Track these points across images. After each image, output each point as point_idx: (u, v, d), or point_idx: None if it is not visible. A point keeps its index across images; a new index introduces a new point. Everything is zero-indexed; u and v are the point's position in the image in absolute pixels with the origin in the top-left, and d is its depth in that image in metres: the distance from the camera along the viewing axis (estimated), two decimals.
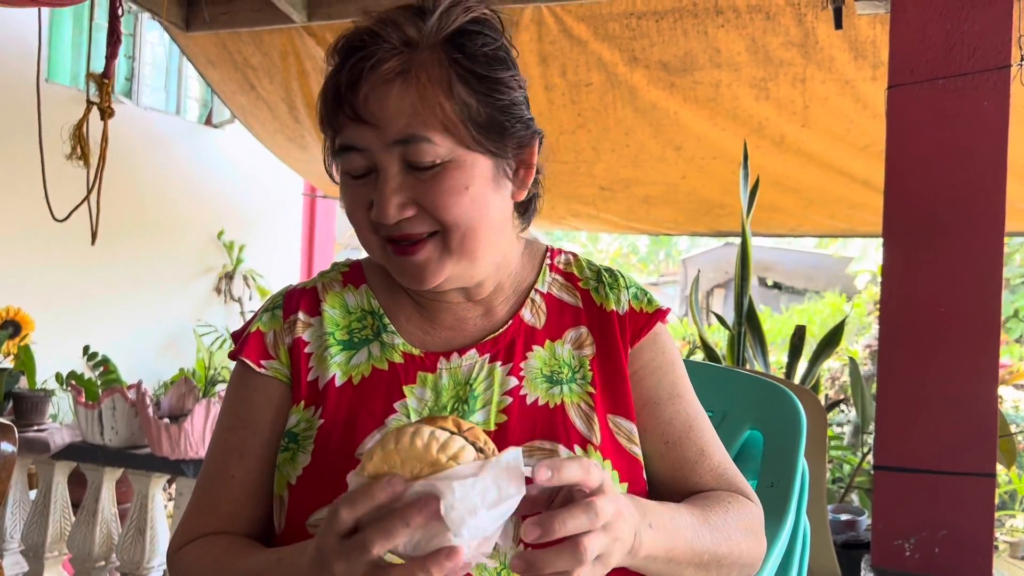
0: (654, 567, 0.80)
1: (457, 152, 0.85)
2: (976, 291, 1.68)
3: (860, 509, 2.16)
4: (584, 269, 1.01)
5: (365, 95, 0.84)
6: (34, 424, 2.82)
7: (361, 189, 0.87)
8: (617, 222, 4.99)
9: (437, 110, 0.84)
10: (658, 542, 0.78)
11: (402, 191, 0.85)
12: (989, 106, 1.67)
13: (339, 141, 0.87)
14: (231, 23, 3.49)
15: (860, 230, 4.67)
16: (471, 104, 0.85)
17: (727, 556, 0.86)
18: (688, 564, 0.83)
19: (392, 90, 0.83)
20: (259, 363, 0.94)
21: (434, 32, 0.85)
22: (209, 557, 0.87)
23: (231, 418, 0.94)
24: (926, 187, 1.73)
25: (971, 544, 1.67)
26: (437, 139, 0.84)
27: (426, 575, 0.63)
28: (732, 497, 0.92)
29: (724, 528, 0.87)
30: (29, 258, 4.89)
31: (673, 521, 0.82)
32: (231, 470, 0.92)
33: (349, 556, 0.66)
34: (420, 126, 0.83)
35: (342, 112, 0.86)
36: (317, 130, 3.65)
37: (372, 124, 0.84)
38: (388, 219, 0.84)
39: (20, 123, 3.42)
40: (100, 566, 2.64)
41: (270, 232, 6.79)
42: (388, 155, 0.84)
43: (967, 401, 1.68)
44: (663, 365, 0.97)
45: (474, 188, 0.86)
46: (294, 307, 0.96)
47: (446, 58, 0.85)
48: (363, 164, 0.86)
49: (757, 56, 3.00)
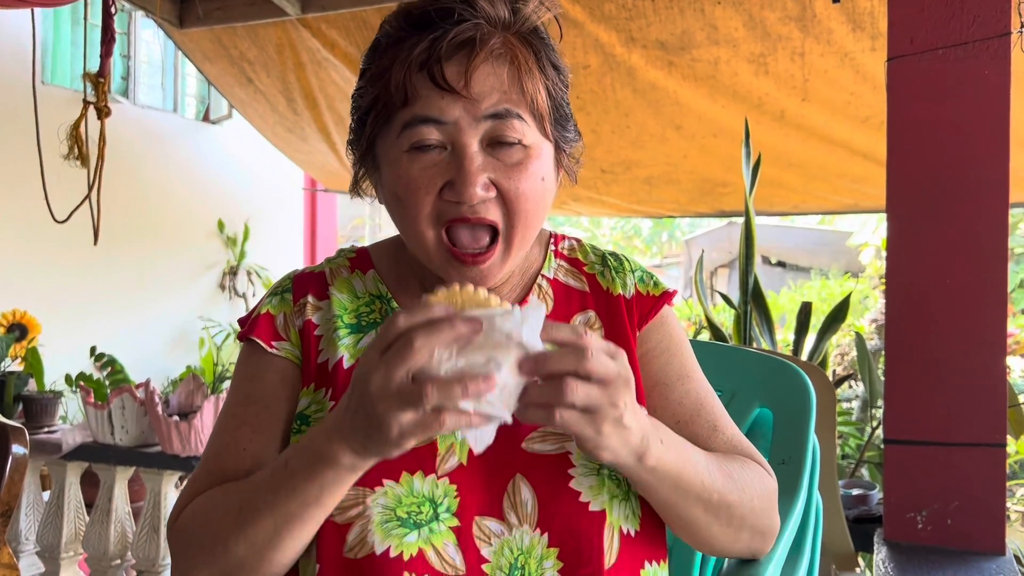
0: (663, 489, 0.81)
1: (537, 139, 0.86)
2: (981, 262, 1.67)
3: (871, 483, 2.16)
4: (588, 254, 1.01)
5: (461, 66, 0.81)
6: (44, 426, 2.83)
7: (431, 169, 0.83)
8: (619, 205, 4.98)
9: (528, 90, 0.84)
10: (667, 457, 0.79)
11: (485, 170, 0.83)
12: (990, 74, 1.66)
13: (416, 112, 0.83)
14: (225, 18, 3.48)
15: (864, 205, 4.65)
16: (552, 92, 0.87)
17: (738, 507, 0.86)
18: (697, 500, 0.83)
19: (490, 65, 0.82)
20: (270, 344, 0.93)
21: (528, 19, 0.86)
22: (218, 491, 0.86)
23: (241, 395, 0.93)
24: (929, 159, 1.72)
25: (983, 514, 1.67)
26: (526, 118, 0.84)
27: (462, 390, 0.67)
28: (751, 463, 0.92)
29: (738, 480, 0.87)
30: (32, 260, 4.90)
31: (685, 449, 0.83)
32: (243, 443, 0.90)
33: (389, 363, 0.68)
34: (513, 103, 0.83)
35: (430, 80, 0.82)
36: (316, 122, 3.64)
37: (464, 96, 0.81)
38: (474, 197, 0.82)
39: (18, 126, 3.41)
40: (116, 564, 2.65)
41: (272, 227, 6.79)
42: (474, 130, 0.83)
43: (976, 372, 1.68)
44: (671, 347, 0.97)
45: (548, 180, 0.87)
46: (304, 290, 0.96)
47: (533, 44, 0.86)
48: (439, 139, 0.83)
49: (755, 31, 2.98)
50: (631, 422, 0.73)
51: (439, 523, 0.83)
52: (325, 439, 0.75)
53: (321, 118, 4.21)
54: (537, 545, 0.83)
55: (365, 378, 0.69)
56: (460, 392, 0.67)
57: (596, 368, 0.70)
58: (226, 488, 0.86)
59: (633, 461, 0.76)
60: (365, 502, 0.82)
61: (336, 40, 3.47)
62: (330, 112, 4.12)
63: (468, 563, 0.83)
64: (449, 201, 0.83)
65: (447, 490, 0.85)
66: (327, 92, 3.93)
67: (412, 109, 0.83)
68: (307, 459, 0.77)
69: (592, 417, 0.71)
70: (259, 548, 0.80)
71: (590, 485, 0.85)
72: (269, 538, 0.79)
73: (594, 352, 0.70)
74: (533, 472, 0.86)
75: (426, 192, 0.83)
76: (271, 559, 0.80)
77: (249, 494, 0.81)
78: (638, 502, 0.88)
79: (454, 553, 0.83)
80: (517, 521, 0.84)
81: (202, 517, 0.85)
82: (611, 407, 0.71)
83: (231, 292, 6.46)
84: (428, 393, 0.66)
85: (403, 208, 0.85)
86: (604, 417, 0.71)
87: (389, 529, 0.82)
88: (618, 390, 0.71)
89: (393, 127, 0.85)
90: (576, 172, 0.95)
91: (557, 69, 0.88)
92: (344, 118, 4.16)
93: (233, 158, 6.41)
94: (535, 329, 0.70)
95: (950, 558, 1.65)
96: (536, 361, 0.69)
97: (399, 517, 0.83)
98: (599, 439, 0.72)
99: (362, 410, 0.70)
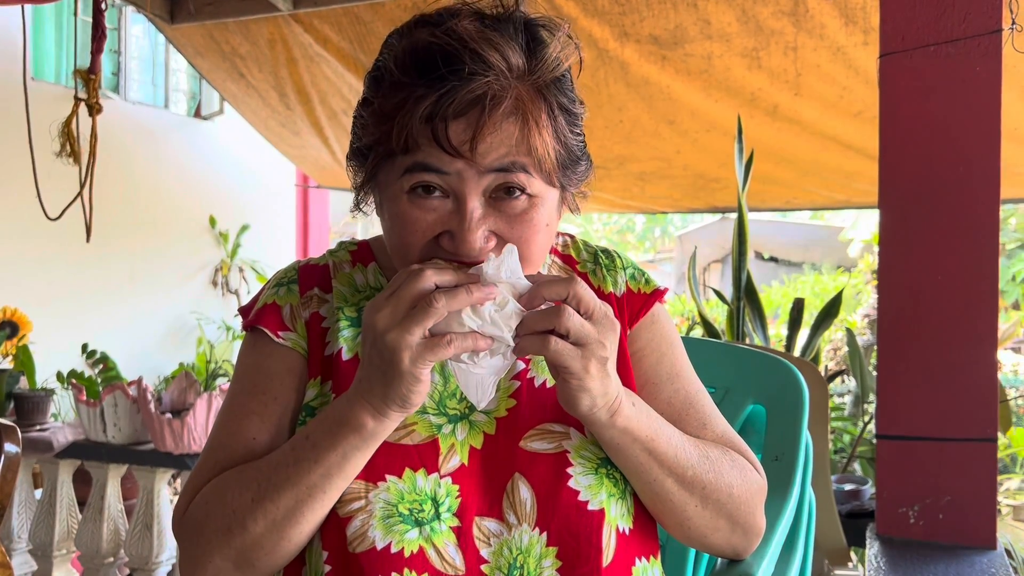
0: (633, 452, 0.83)
1: (543, 188, 0.83)
2: (973, 257, 1.68)
3: (864, 479, 2.17)
4: (581, 251, 1.01)
5: (468, 129, 0.78)
6: (36, 424, 2.82)
7: (431, 215, 0.81)
8: (613, 201, 4.98)
9: (537, 148, 0.80)
10: (638, 422, 0.82)
11: (485, 222, 0.81)
12: (981, 71, 1.66)
13: (418, 159, 0.80)
14: (217, 13, 3.46)
15: (856, 201, 4.66)
16: (561, 140, 0.83)
17: (714, 488, 0.86)
18: (670, 472, 0.84)
19: (497, 125, 0.79)
20: (277, 333, 0.92)
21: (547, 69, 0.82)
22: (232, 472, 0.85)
23: (247, 383, 0.91)
24: (921, 155, 1.72)
25: (975, 509, 1.68)
26: (532, 171, 0.81)
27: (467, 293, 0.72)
28: (733, 452, 0.92)
29: (715, 461, 0.88)
30: (24, 257, 4.88)
31: (660, 422, 0.86)
32: (251, 432, 0.88)
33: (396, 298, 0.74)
34: (519, 156, 0.80)
35: (432, 139, 0.78)
36: (308, 116, 3.62)
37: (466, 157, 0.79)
38: (473, 252, 0.80)
39: (7, 122, 3.39)
40: (109, 562, 2.65)
41: (264, 224, 6.77)
42: (477, 183, 0.80)
43: (967, 367, 1.69)
44: (662, 345, 0.97)
45: (552, 224, 0.86)
46: (310, 282, 0.95)
47: (546, 96, 0.82)
48: (439, 185, 0.81)
49: (748, 26, 2.98)
50: (612, 372, 0.78)
51: (440, 522, 0.83)
52: (346, 404, 0.79)
53: (313, 113, 4.20)
54: (536, 544, 0.84)
55: (374, 316, 0.74)
56: (465, 295, 0.72)
57: (587, 298, 0.76)
58: (240, 469, 0.85)
59: (606, 416, 0.80)
60: (367, 496, 0.82)
61: (328, 35, 3.45)
62: (322, 107, 4.11)
63: (468, 564, 0.83)
64: (446, 250, 0.82)
65: (449, 490, 0.85)
66: (319, 87, 3.92)
67: (414, 156, 0.80)
68: (329, 426, 0.80)
69: (582, 351, 0.75)
70: (278, 523, 0.80)
71: (588, 484, 0.85)
72: (289, 513, 0.80)
73: (583, 287, 0.76)
74: (531, 471, 0.86)
75: (423, 237, 0.82)
76: (289, 535, 0.81)
77: (268, 471, 0.82)
78: (633, 500, 0.88)
79: (454, 553, 0.83)
80: (516, 520, 0.84)
81: (217, 500, 0.84)
82: (599, 345, 0.76)
83: (223, 288, 6.45)
84: (436, 298, 0.72)
85: (399, 244, 0.84)
86: (592, 353, 0.75)
87: (391, 525, 0.82)
88: (606, 329, 0.77)
89: (395, 167, 0.82)
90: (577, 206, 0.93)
91: (571, 114, 0.85)
92: (336, 112, 4.15)
93: (225, 154, 6.39)
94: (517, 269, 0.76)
95: (942, 552, 1.65)
96: (534, 288, 0.75)
97: (401, 513, 0.83)
98: (584, 378, 0.76)
99: (374, 352, 0.75)
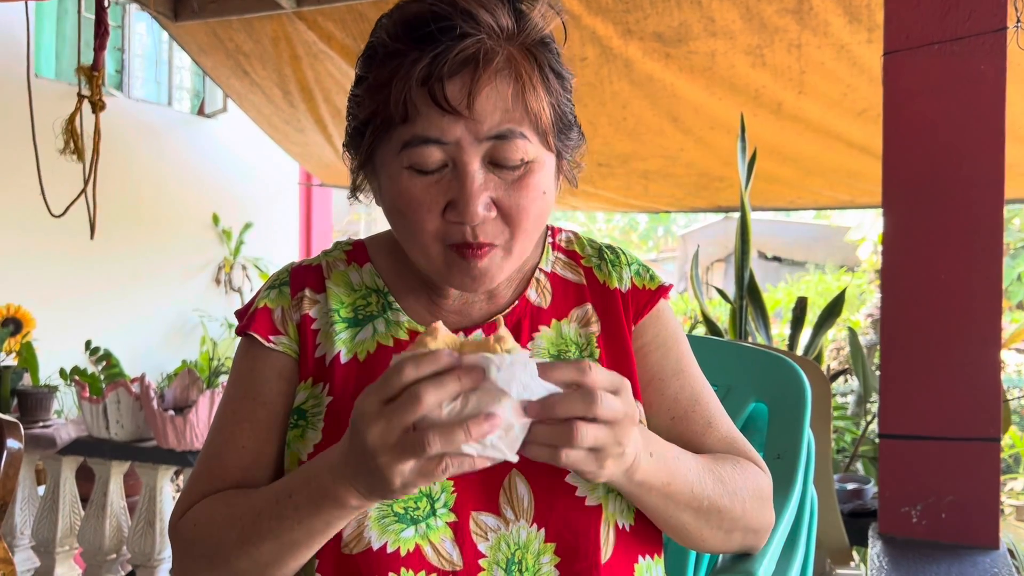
0: (649, 499, 0.81)
1: (540, 152, 0.83)
2: (976, 257, 1.67)
3: (866, 478, 2.16)
4: (586, 247, 1.01)
5: (464, 85, 0.78)
6: (39, 420, 2.83)
7: (433, 188, 0.81)
8: (616, 200, 4.97)
9: (532, 109, 0.81)
10: (656, 472, 0.79)
11: (486, 190, 0.81)
12: (986, 69, 1.66)
13: (417, 132, 0.80)
14: (220, 11, 3.46)
15: (860, 201, 4.65)
16: (554, 102, 0.84)
17: (729, 510, 0.86)
18: (686, 507, 0.83)
19: (492, 83, 0.79)
20: (268, 338, 0.93)
21: (534, 30, 0.83)
22: (220, 500, 0.86)
23: (240, 390, 0.93)
24: (925, 154, 1.72)
25: (978, 509, 1.67)
26: (529, 135, 0.82)
27: (465, 433, 0.65)
28: (745, 461, 0.92)
29: (730, 483, 0.87)
30: (27, 254, 4.88)
31: (677, 461, 0.82)
32: (241, 440, 0.90)
33: (392, 417, 0.66)
34: (516, 121, 0.80)
35: (431, 99, 0.79)
36: (312, 114, 3.62)
37: (466, 117, 0.79)
38: (475, 219, 0.80)
39: (10, 119, 3.40)
40: (111, 559, 2.66)
41: (267, 222, 6.77)
42: (476, 150, 0.80)
43: (970, 367, 1.68)
44: (667, 341, 0.97)
45: (549, 192, 0.86)
46: (301, 284, 0.95)
47: (537, 56, 0.83)
48: (439, 159, 0.81)
49: (752, 23, 2.97)
50: (630, 446, 0.73)
51: (436, 518, 0.84)
52: (330, 479, 0.74)
53: (317, 110, 4.20)
54: (534, 540, 0.84)
55: (365, 428, 0.67)
56: (463, 436, 0.65)
57: (604, 412, 0.69)
58: (228, 502, 0.85)
59: (623, 479, 0.77)
60: None
61: (332, 32, 3.45)
62: (326, 104, 4.11)
63: (465, 558, 0.83)
64: (452, 222, 0.82)
65: (444, 485, 0.85)
66: (323, 84, 3.92)
67: (412, 128, 0.80)
68: (313, 495, 0.76)
69: (597, 455, 0.71)
70: (262, 565, 0.80)
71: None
72: (273, 559, 0.80)
73: (601, 395, 0.69)
74: (529, 467, 0.85)
75: (428, 211, 0.82)
76: (274, 573, 0.81)
77: (252, 518, 0.80)
78: None
79: (451, 548, 0.83)
80: (514, 516, 0.84)
81: (205, 528, 0.85)
82: (616, 445, 0.71)
83: (226, 286, 6.45)
84: (430, 441, 0.65)
85: (405, 223, 0.84)
86: (608, 454, 0.71)
87: (386, 525, 0.82)
88: (624, 429, 0.71)
89: (393, 142, 0.82)
90: (577, 175, 0.94)
91: (561, 77, 0.85)
92: (340, 110, 4.15)
93: (228, 152, 6.39)
94: (533, 371, 0.68)
95: (944, 552, 1.65)
96: (543, 405, 0.68)
97: (396, 513, 0.83)
98: (600, 472, 0.72)
99: (364, 460, 0.69)
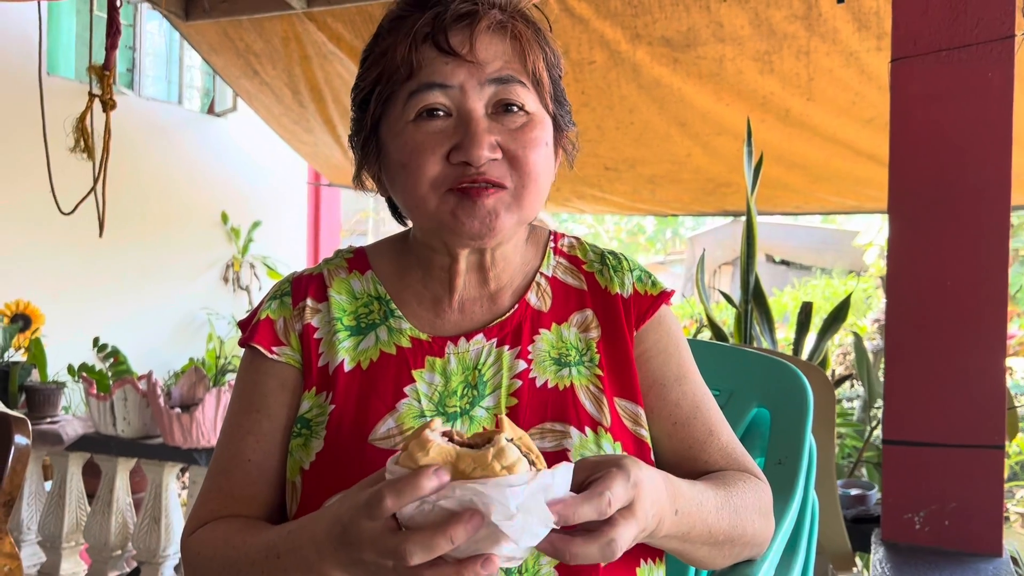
0: (669, 544, 0.83)
1: (538, 108, 0.89)
2: (982, 264, 1.67)
3: (870, 483, 2.16)
4: (588, 252, 1.01)
5: (465, 34, 0.85)
6: (47, 416, 2.84)
7: (436, 134, 0.85)
8: (623, 203, 4.97)
9: (530, 62, 0.88)
10: (679, 525, 0.79)
11: (492, 133, 0.85)
12: (994, 77, 1.66)
13: (422, 79, 0.86)
14: (231, 11, 3.48)
15: (867, 207, 4.64)
16: (549, 70, 0.91)
17: (741, 537, 0.88)
18: (703, 544, 0.84)
19: (491, 34, 0.87)
20: (270, 349, 0.94)
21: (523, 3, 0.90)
22: (221, 536, 0.87)
23: (244, 402, 0.94)
24: (931, 161, 1.72)
25: (981, 516, 1.67)
26: (529, 87, 0.88)
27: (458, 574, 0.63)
28: (749, 478, 0.93)
29: (744, 511, 0.88)
30: (37, 251, 4.91)
31: (700, 508, 0.82)
32: (247, 454, 0.91)
33: (383, 555, 0.66)
34: (516, 71, 0.87)
35: (435, 48, 0.85)
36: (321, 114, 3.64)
37: (469, 60, 0.85)
38: (481, 159, 0.83)
39: (22, 117, 3.42)
40: (117, 555, 2.67)
41: (276, 221, 6.79)
42: (479, 94, 0.85)
43: (975, 374, 1.68)
44: (668, 347, 0.97)
45: (548, 146, 0.89)
46: (302, 293, 0.96)
47: (531, 24, 0.90)
48: (444, 104, 0.85)
49: (760, 30, 2.97)
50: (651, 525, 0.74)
51: None
52: (315, 555, 0.73)
53: (326, 111, 4.22)
54: None
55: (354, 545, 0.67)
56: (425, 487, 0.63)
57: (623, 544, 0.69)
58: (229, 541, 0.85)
59: (644, 537, 0.76)
60: None
61: (342, 34, 3.47)
62: (335, 105, 4.12)
63: None
64: (456, 164, 0.84)
65: None
66: (332, 85, 3.93)
67: (417, 78, 0.86)
68: (299, 562, 0.75)
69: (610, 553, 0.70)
70: None
71: None
72: None
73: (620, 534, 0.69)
74: None
75: (432, 154, 0.85)
76: None
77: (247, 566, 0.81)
78: None
79: None
80: None
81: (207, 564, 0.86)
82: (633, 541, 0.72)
83: (234, 284, 6.47)
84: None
85: (408, 173, 0.86)
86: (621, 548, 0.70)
87: None
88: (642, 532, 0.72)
89: (398, 100, 0.87)
90: (574, 157, 0.97)
91: (554, 54, 0.92)
92: (349, 111, 4.16)
93: (237, 151, 6.41)
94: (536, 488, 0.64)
95: (947, 559, 1.65)
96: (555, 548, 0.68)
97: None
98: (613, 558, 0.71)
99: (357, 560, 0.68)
